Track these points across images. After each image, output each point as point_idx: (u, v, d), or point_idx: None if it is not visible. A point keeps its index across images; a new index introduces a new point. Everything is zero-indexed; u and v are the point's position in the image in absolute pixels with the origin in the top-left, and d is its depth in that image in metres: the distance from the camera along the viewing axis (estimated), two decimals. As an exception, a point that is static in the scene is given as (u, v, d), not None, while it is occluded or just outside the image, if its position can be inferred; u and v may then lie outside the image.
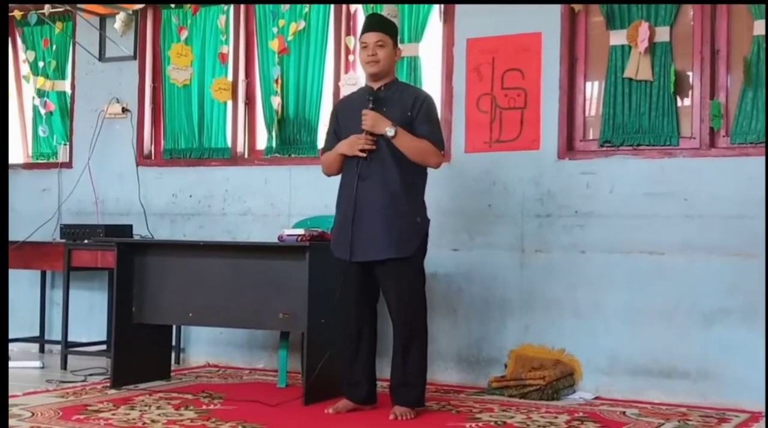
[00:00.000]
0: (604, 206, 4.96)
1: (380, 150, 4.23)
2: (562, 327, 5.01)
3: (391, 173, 4.21)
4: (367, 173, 4.23)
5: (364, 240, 4.21)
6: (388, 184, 4.21)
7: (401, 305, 4.22)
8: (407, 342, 4.23)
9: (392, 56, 4.34)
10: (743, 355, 4.60)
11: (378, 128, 4.21)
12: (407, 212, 4.23)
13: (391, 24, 4.41)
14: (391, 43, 4.31)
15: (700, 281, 4.73)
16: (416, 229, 4.25)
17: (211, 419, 4.10)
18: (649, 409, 4.55)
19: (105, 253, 5.52)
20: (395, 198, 4.21)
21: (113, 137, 6.30)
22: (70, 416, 4.14)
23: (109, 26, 6.31)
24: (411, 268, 4.24)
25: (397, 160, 4.22)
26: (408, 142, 4.22)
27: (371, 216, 4.20)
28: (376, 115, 4.23)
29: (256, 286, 4.74)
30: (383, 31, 4.30)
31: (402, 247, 4.19)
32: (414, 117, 4.25)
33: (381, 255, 4.20)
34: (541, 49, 5.13)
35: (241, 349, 5.81)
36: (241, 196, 5.92)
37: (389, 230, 4.18)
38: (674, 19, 4.93)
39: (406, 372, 4.24)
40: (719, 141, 4.84)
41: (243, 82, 6.07)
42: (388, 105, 4.27)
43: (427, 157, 4.27)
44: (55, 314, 6.37)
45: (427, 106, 4.32)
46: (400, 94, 4.31)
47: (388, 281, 4.24)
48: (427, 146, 4.25)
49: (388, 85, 4.33)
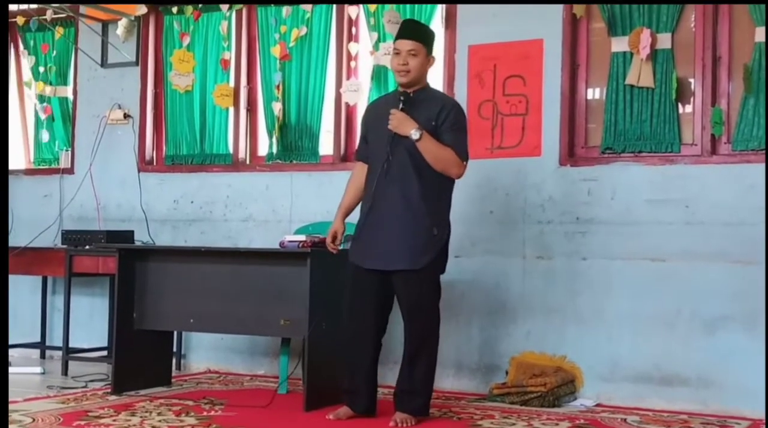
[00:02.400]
0: (605, 212, 4.96)
1: (402, 157, 4.15)
2: (564, 334, 5.01)
3: (411, 181, 4.14)
4: (388, 179, 4.16)
5: (379, 248, 4.17)
6: (406, 192, 4.15)
7: (412, 315, 4.20)
8: (416, 351, 4.21)
9: (425, 65, 4.23)
10: (744, 362, 4.59)
11: (403, 129, 4.14)
12: (424, 222, 4.15)
13: (427, 32, 4.29)
14: (424, 52, 4.20)
15: (701, 288, 4.72)
16: (432, 241, 4.16)
17: (212, 425, 4.10)
18: (651, 416, 4.54)
19: (106, 259, 5.51)
20: (412, 207, 4.14)
21: (115, 142, 6.31)
22: (70, 422, 4.13)
23: (111, 32, 6.33)
24: (425, 280, 4.18)
25: (417, 168, 4.14)
26: (431, 147, 4.13)
27: (388, 224, 4.16)
28: (404, 115, 4.16)
29: (257, 292, 4.73)
30: (418, 40, 4.19)
31: (414, 259, 4.13)
32: (440, 125, 4.17)
33: (393, 266, 4.16)
34: (542, 56, 5.13)
35: (242, 355, 5.81)
36: (243, 202, 5.92)
37: (404, 240, 4.13)
38: (676, 26, 4.94)
39: (412, 380, 4.22)
40: (720, 148, 4.84)
41: (245, 88, 6.08)
42: (417, 110, 4.19)
43: (448, 166, 4.17)
44: (56, 320, 6.37)
45: (455, 115, 4.22)
46: (428, 101, 4.24)
47: (401, 291, 4.21)
48: (450, 155, 4.16)
49: (418, 92, 4.25)
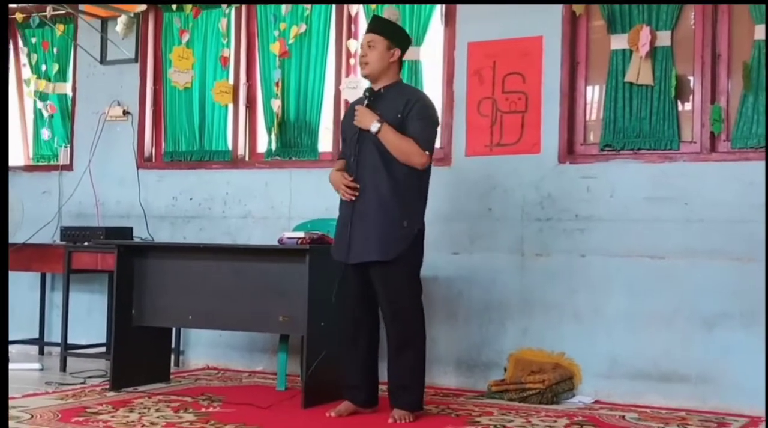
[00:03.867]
0: (604, 210, 4.96)
1: (371, 152, 4.22)
2: (562, 331, 5.01)
3: (381, 175, 4.20)
4: (358, 175, 4.23)
5: (357, 243, 4.21)
6: (377, 187, 4.20)
7: (389, 309, 4.21)
8: (399, 346, 4.22)
9: (385, 57, 4.27)
10: (743, 359, 4.59)
11: (364, 123, 4.21)
12: (394, 215, 4.18)
13: (385, 24, 4.33)
14: (383, 43, 4.26)
15: (700, 286, 4.72)
16: (402, 233, 4.18)
17: (211, 421, 4.10)
18: (649, 413, 4.54)
19: (105, 255, 5.51)
20: (383, 201, 4.19)
21: (114, 139, 6.31)
22: (69, 418, 4.13)
23: (111, 29, 6.33)
24: (398, 272, 4.19)
25: (386, 162, 4.19)
26: (391, 139, 4.18)
27: (363, 219, 4.20)
28: (366, 110, 4.23)
29: (256, 289, 4.74)
30: (374, 32, 4.29)
31: (384, 250, 4.16)
32: (405, 117, 4.21)
33: (365, 257, 4.19)
34: (542, 53, 5.13)
35: (241, 352, 5.81)
36: (242, 199, 5.92)
37: (375, 233, 4.18)
38: (675, 24, 4.94)
39: (399, 376, 4.24)
40: (720, 145, 4.84)
41: (244, 85, 6.07)
42: (384, 106, 4.24)
43: (409, 156, 4.19)
44: (54, 316, 6.38)
45: (419, 106, 4.25)
46: (395, 95, 4.28)
47: (378, 284, 4.23)
48: (411, 146, 4.18)
49: (388, 87, 4.31)
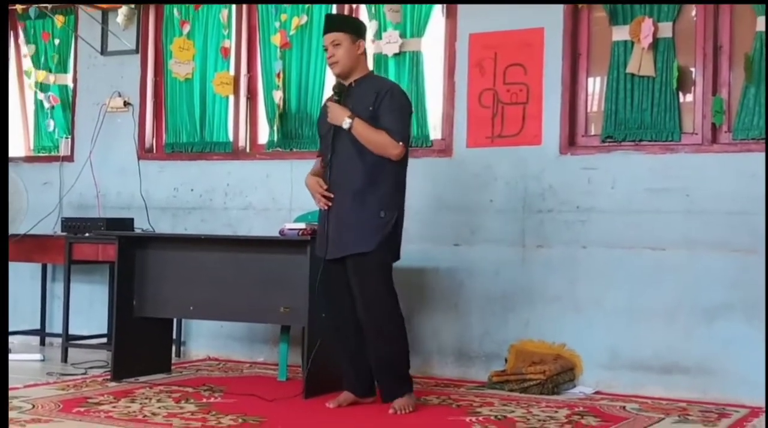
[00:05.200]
0: (605, 201, 4.96)
1: (345, 146, 4.20)
2: (563, 322, 5.01)
3: (356, 168, 4.18)
4: (336, 171, 4.22)
5: (334, 238, 4.20)
6: (353, 180, 4.18)
7: (363, 300, 4.18)
8: (374, 337, 4.19)
9: (352, 52, 4.25)
10: (744, 351, 4.60)
11: (336, 120, 4.20)
12: (370, 207, 4.16)
13: (343, 20, 4.37)
14: (348, 39, 4.23)
15: (701, 277, 4.73)
16: (379, 223, 4.16)
17: (212, 412, 4.11)
18: (650, 404, 4.55)
19: (106, 246, 5.52)
20: (359, 194, 4.17)
21: (115, 130, 6.30)
22: (70, 408, 4.14)
23: (112, 20, 6.32)
24: (372, 262, 4.16)
25: (360, 155, 4.17)
26: (363, 133, 4.15)
27: (339, 214, 4.19)
28: (337, 106, 4.21)
29: (257, 280, 4.74)
30: (336, 30, 4.25)
31: (361, 242, 4.14)
32: (376, 109, 4.19)
33: (343, 252, 4.18)
34: (543, 45, 5.12)
35: (242, 343, 5.82)
36: (243, 190, 5.92)
37: (351, 226, 4.16)
38: (677, 15, 4.93)
39: (380, 369, 4.23)
40: (721, 137, 4.84)
41: (245, 77, 6.07)
42: (356, 100, 4.22)
43: (384, 148, 4.16)
44: (55, 307, 6.38)
45: (390, 97, 4.21)
46: (366, 89, 4.25)
47: (351, 277, 4.21)
48: (383, 138, 4.15)
49: (359, 81, 4.28)
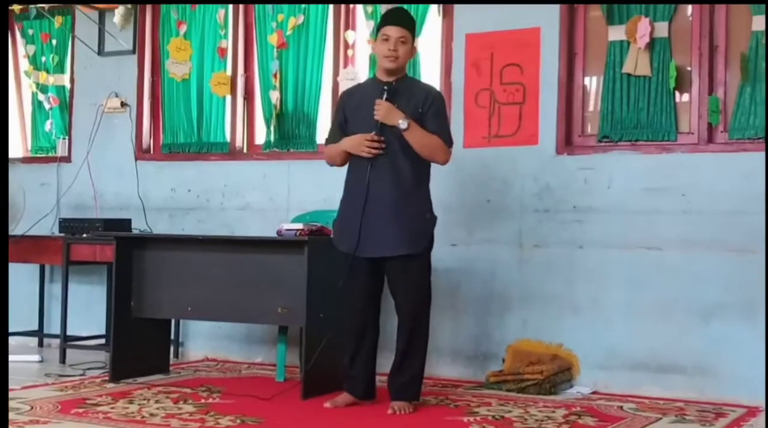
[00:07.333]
0: (602, 201, 4.97)
1: (391, 145, 4.19)
2: (560, 322, 5.02)
3: (404, 168, 4.20)
4: (379, 168, 4.20)
5: (375, 236, 4.18)
6: (400, 180, 4.20)
7: (408, 300, 4.22)
8: (412, 337, 4.24)
9: (410, 53, 4.31)
10: (741, 350, 4.60)
11: (390, 119, 4.18)
12: (418, 208, 4.23)
13: (413, 20, 4.34)
14: (411, 40, 4.27)
15: (698, 277, 4.73)
16: (426, 225, 4.26)
17: (210, 413, 4.11)
18: (647, 404, 4.56)
19: (104, 247, 5.51)
20: (407, 194, 4.20)
21: (112, 131, 6.30)
22: (68, 410, 4.14)
23: (108, 20, 6.32)
24: (420, 263, 4.23)
25: (408, 155, 4.20)
26: (419, 136, 4.19)
27: (382, 212, 4.18)
28: (390, 106, 4.19)
29: (254, 280, 4.74)
30: (407, 28, 4.25)
31: (413, 243, 4.19)
32: (425, 113, 4.23)
33: (393, 252, 4.18)
34: (539, 45, 5.13)
35: (240, 343, 5.82)
36: (240, 190, 5.92)
37: (401, 227, 4.17)
38: (673, 15, 4.94)
39: (410, 367, 4.26)
40: (717, 137, 4.85)
41: (242, 77, 6.07)
42: (400, 99, 4.23)
43: (436, 153, 4.24)
44: (53, 308, 6.38)
45: (438, 102, 4.31)
46: (411, 90, 4.29)
47: (397, 276, 4.23)
48: (437, 142, 4.22)
49: (399, 80, 4.30)
